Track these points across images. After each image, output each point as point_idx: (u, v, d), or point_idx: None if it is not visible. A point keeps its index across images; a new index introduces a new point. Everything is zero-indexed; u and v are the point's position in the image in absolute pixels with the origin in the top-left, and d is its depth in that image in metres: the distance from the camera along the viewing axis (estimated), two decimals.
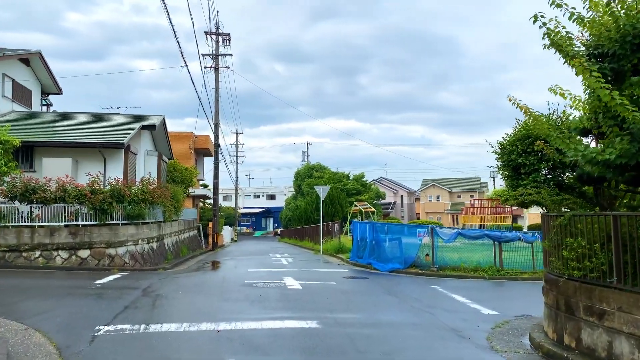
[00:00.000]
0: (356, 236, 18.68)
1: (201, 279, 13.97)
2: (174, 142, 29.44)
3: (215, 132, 31.76)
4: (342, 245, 22.50)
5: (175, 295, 10.25)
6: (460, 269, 15.70)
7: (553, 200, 6.24)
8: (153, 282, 12.18)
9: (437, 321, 8.25)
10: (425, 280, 14.26)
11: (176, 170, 24.86)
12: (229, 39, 33.04)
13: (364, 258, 17.40)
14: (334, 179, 54.86)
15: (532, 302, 11.25)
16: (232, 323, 7.52)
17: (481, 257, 16.21)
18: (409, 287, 12.55)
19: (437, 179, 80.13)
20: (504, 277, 15.27)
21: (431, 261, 15.85)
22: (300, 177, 65.68)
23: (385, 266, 16.21)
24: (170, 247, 20.55)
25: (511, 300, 11.10)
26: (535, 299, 11.86)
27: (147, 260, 16.60)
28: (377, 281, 13.37)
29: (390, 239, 16.90)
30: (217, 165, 31.96)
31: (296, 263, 18.75)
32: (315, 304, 9.39)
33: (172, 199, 19.85)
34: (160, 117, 20.97)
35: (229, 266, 18.02)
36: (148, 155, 20.77)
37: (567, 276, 6.20)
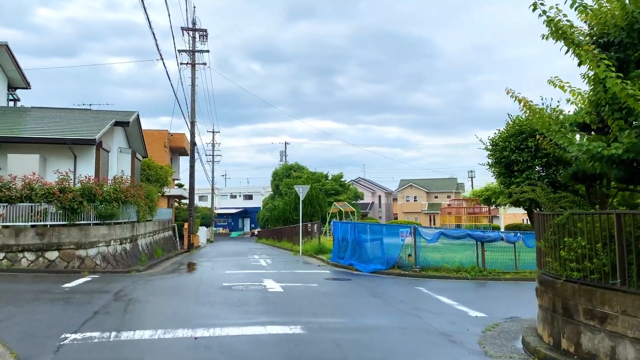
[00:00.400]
0: (337, 237, 18.30)
1: (177, 281, 13.38)
2: (148, 141, 28.60)
3: (192, 130, 31.02)
4: (322, 245, 22.10)
5: (149, 299, 9.69)
6: (442, 270, 15.47)
7: (550, 199, 5.95)
8: (126, 285, 11.57)
9: (426, 325, 7.91)
10: (408, 281, 13.96)
11: (151, 169, 24.08)
12: (205, 35, 32.33)
13: (346, 259, 17.03)
14: (312, 178, 54.48)
15: (518, 303, 11.06)
16: (210, 329, 7.05)
17: (463, 258, 16.01)
18: (392, 288, 12.22)
19: (415, 180, 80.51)
20: (486, 277, 15.09)
21: (414, 262, 15.58)
22: (278, 177, 65.11)
23: (367, 267, 15.87)
24: (144, 248, 19.84)
25: (497, 302, 10.86)
26: (521, 299, 11.71)
27: (119, 262, 15.91)
28: (359, 282, 13.01)
29: (372, 239, 16.57)
30: (193, 164, 31.21)
31: (276, 264, 18.27)
32: (298, 307, 8.96)
33: (147, 199, 19.15)
34: (134, 114, 20.23)
35: (206, 268, 17.43)
36: (121, 152, 20.01)
37: (565, 278, 5.92)
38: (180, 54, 31.61)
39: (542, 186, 6.38)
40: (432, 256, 15.97)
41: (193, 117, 31.16)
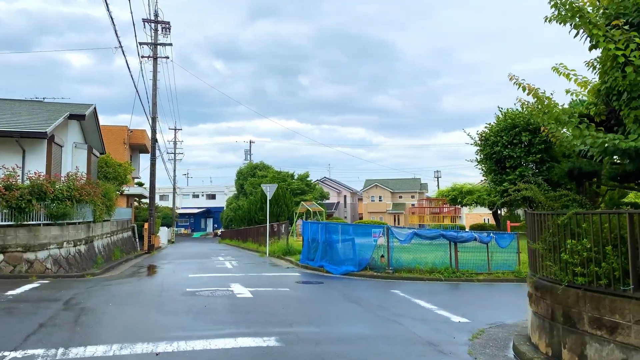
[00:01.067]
0: (307, 237, 17.62)
1: (136, 286, 12.39)
2: (106, 137, 27.16)
3: (153, 126, 29.68)
4: (290, 246, 21.37)
5: (104, 308, 8.75)
6: (416, 271, 15.05)
7: (550, 197, 5.46)
8: (79, 292, 10.55)
9: (410, 333, 7.34)
10: (382, 283, 13.44)
11: (109, 166, 22.76)
12: (168, 27, 31.04)
13: (316, 260, 16.37)
14: (278, 178, 53.62)
15: (498, 306, 10.69)
16: (173, 343, 6.25)
17: (436, 258, 15.64)
18: (368, 292, 11.65)
19: (380, 180, 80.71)
20: (460, 278, 14.76)
21: (386, 263, 15.08)
22: (243, 176, 63.92)
23: (338, 269, 15.27)
24: (101, 250, 18.62)
25: (476, 305, 10.43)
26: (500, 302, 11.36)
27: (73, 266, 14.74)
28: (333, 286, 12.38)
29: (344, 240, 15.98)
30: (154, 161, 29.88)
31: (242, 267, 17.42)
32: (270, 315, 8.23)
33: (104, 197, 17.96)
34: (91, 106, 18.97)
35: (168, 271, 16.43)
36: (76, 148, 18.72)
37: (568, 283, 5.45)
38: (142, 47, 30.21)
39: (540, 183, 5.89)
40: (404, 257, 15.52)
41: (154, 112, 29.84)
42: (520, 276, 15.36)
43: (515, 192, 5.95)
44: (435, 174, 51.92)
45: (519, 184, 6.18)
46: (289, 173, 57.95)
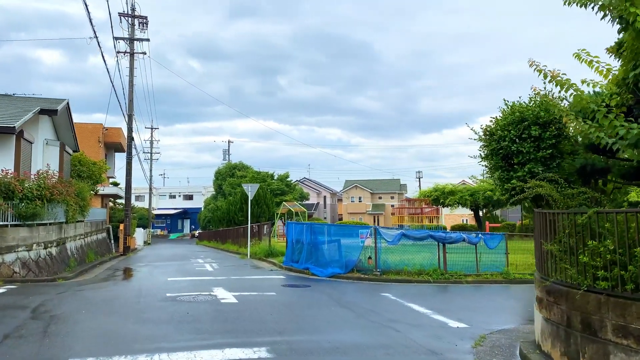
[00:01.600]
0: (291, 239, 17.06)
1: (112, 291, 11.64)
2: (81, 135, 26.12)
3: (129, 124, 28.72)
4: (273, 248, 20.77)
5: (77, 317, 8.05)
6: (404, 273, 14.64)
7: (566, 195, 5.05)
8: (49, 298, 9.80)
9: (409, 341, 6.87)
10: (371, 286, 12.98)
11: (82, 165, 21.80)
12: (146, 22, 30.11)
13: (301, 262, 15.82)
14: (257, 178, 52.84)
15: (492, 309, 10.32)
16: (154, 355, 5.66)
17: (424, 259, 15.26)
18: (358, 295, 11.16)
19: (359, 180, 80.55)
20: (448, 280, 14.41)
21: (374, 265, 14.63)
22: (221, 176, 62.95)
23: (324, 271, 14.76)
24: (73, 252, 17.72)
25: (471, 309, 10.03)
26: (493, 305, 10.95)
27: (43, 269, 13.89)
28: (321, 289, 11.84)
29: (330, 241, 15.48)
30: (130, 160, 28.92)
31: (223, 270, 16.76)
32: (259, 323, 7.66)
33: (77, 197, 17.09)
34: (64, 102, 18.06)
35: (145, 274, 15.66)
36: (48, 145, 17.80)
37: (587, 287, 5.04)
38: (118, 42, 29.23)
39: (557, 180, 5.48)
40: (392, 258, 15.10)
41: (131, 109, 28.89)
42: (508, 277, 15.11)
43: (531, 189, 5.52)
44: (417, 174, 51.88)
45: (531, 182, 5.76)
46: (269, 173, 57.24)
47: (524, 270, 16.11)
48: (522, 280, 15.15)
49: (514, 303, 11.18)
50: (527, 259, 17.18)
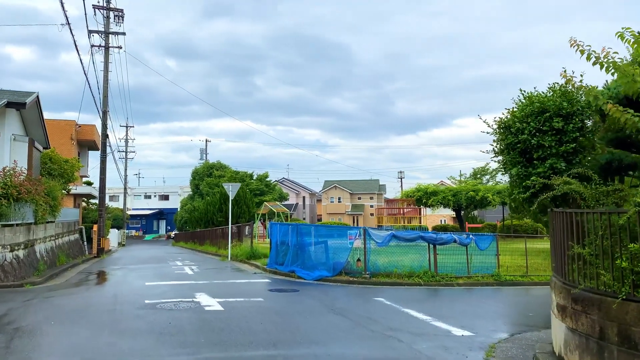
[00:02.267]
0: (275, 240, 16.35)
1: (84, 298, 10.75)
2: (52, 132, 24.89)
3: (103, 120, 27.56)
4: (255, 250, 20.00)
5: (45, 329, 7.23)
6: (393, 275, 14.11)
7: (601, 192, 4.53)
8: (14, 307, 8.91)
9: (416, 353, 6.29)
10: (362, 290, 12.40)
11: (54, 162, 20.66)
12: (122, 15, 28.99)
13: (286, 265, 15.14)
14: (236, 178, 51.80)
15: (494, 315, 9.82)
16: None
17: (413, 261, 14.75)
18: (350, 301, 10.54)
19: (339, 181, 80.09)
20: (439, 283, 13.95)
21: (363, 267, 14.05)
22: (199, 176, 61.65)
23: (311, 274, 14.11)
24: (43, 255, 16.67)
25: (471, 315, 9.52)
26: (493, 310, 10.38)
27: (9, 274, 12.88)
28: (311, 294, 11.19)
29: (317, 242, 14.84)
30: (105, 158, 27.77)
31: (204, 273, 15.94)
32: (249, 334, 6.97)
33: (47, 196, 16.05)
34: (33, 95, 16.98)
35: (121, 278, 14.74)
36: (15, 140, 16.70)
37: (626, 295, 4.53)
38: (92, 35, 28.04)
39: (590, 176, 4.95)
40: (381, 260, 14.55)
41: (105, 105, 27.74)
42: (499, 279, 14.72)
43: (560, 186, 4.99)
44: (398, 174, 51.56)
45: (558, 178, 5.22)
46: (248, 173, 56.24)
47: (514, 272, 15.76)
48: (513, 283, 14.78)
49: (512, 308, 10.74)
50: (515, 260, 16.86)
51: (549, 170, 5.50)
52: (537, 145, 5.49)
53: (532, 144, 5.50)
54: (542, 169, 5.48)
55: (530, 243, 18.46)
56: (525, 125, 5.56)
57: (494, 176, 59.53)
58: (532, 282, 15.09)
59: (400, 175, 51.97)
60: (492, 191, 31.26)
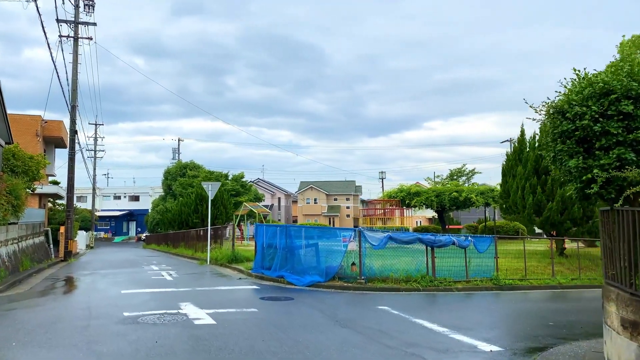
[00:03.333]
0: (261, 243, 15.27)
1: (52, 310, 9.42)
2: (16, 128, 23.22)
3: (72, 115, 25.90)
4: (237, 253, 18.84)
5: (4, 353, 6.02)
6: (390, 280, 13.24)
7: None
8: None
9: None
10: (360, 297, 11.47)
11: (17, 159, 19.04)
12: (92, 5, 27.39)
13: (274, 269, 14.08)
14: (210, 178, 50.31)
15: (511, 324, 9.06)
16: None
17: (409, 265, 13.93)
18: (353, 310, 9.57)
19: (315, 182, 79.18)
20: (438, 288, 13.18)
21: (358, 272, 13.13)
22: (171, 176, 59.75)
23: (302, 279, 13.11)
24: (4, 259, 15.16)
25: (488, 325, 8.71)
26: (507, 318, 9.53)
27: None
28: (307, 303, 10.18)
29: (308, 245, 13.86)
30: (73, 156, 26.12)
31: (184, 279, 14.73)
32: (253, 355, 5.92)
33: (9, 195, 14.59)
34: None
35: (93, 285, 13.39)
36: None
37: None
38: (61, 25, 26.33)
39: None
40: (377, 264, 13.66)
41: (75, 99, 26.08)
42: (499, 283, 14.06)
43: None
44: (379, 174, 50.84)
45: (633, 171, 4.40)
46: (223, 173, 54.71)
47: (512, 275, 15.12)
48: (512, 287, 14.12)
49: (527, 316, 9.95)
50: (511, 262, 16.23)
51: (616, 161, 4.64)
52: (601, 132, 4.62)
53: (594, 132, 4.62)
54: (607, 160, 4.62)
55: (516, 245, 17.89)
56: (585, 109, 4.68)
57: (470, 177, 59.77)
58: (531, 286, 14.47)
59: (382, 176, 51.33)
60: (476, 192, 30.85)
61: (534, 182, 17.68)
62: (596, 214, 17.07)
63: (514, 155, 19.09)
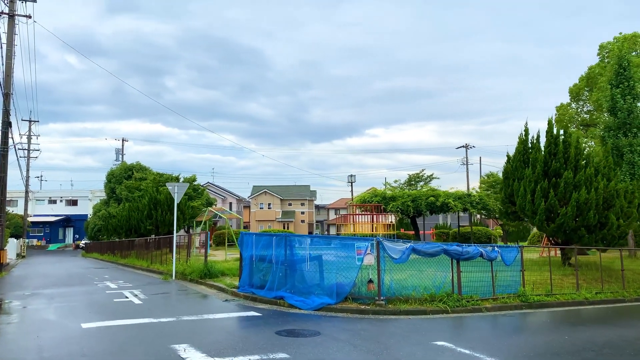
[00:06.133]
0: (249, 255, 12.64)
1: None
2: None
3: (6, 105, 22.10)
4: (211, 266, 16.04)
5: None
6: (412, 300, 11.08)
7: None
8: None
9: None
10: (391, 325, 9.23)
11: None
12: None
13: (270, 289, 11.52)
14: (160, 181, 46.44)
15: None
16: None
17: (427, 280, 11.86)
18: (406, 349, 7.23)
19: (269, 186, 76.32)
20: (465, 308, 11.20)
21: (376, 291, 10.85)
22: (115, 178, 55.15)
23: (307, 302, 10.68)
24: None
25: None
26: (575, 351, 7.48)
27: None
28: (342, 339, 7.73)
29: (313, 258, 11.43)
30: (6, 152, 22.30)
31: (156, 301, 11.86)
32: None
33: None
34: None
35: (38, 315, 10.21)
36: None
37: None
38: None
39: None
40: (397, 280, 11.45)
41: (8, 87, 22.29)
42: (527, 300, 12.23)
43: None
44: (349, 178, 48.62)
45: None
46: (173, 176, 50.78)
47: (537, 290, 13.36)
48: (541, 304, 12.30)
49: (607, 345, 8.01)
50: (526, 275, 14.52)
51: None
52: None
53: None
54: None
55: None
56: None
57: (427, 182, 59.14)
58: (559, 302, 12.71)
59: (351, 180, 49.24)
60: (453, 197, 29.43)
61: (544, 185, 16.10)
62: (611, 220, 15.74)
63: (519, 157, 17.50)
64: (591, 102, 25.98)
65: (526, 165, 17.17)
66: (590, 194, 15.62)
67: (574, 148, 16.73)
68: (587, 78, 26.24)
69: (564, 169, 16.30)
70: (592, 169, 16.27)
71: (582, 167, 16.44)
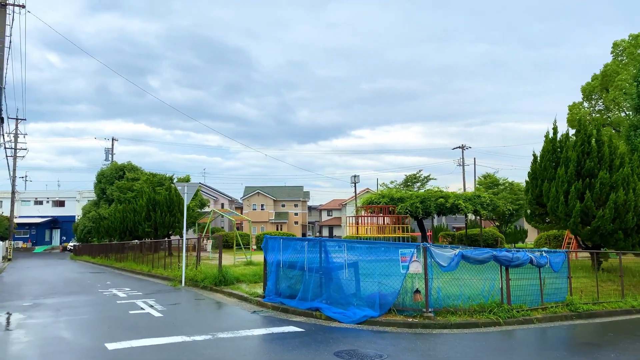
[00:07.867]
0: (275, 260, 11.53)
1: None
2: None
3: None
4: (226, 272, 14.87)
5: None
6: (461, 312, 10.09)
7: None
8: None
9: None
10: (445, 340, 8.26)
11: None
12: None
13: (303, 299, 10.42)
14: (153, 181, 45.00)
15: None
16: None
17: (478, 290, 10.89)
18: None
19: (262, 187, 75.04)
20: (516, 319, 10.27)
21: (423, 302, 9.84)
22: (106, 179, 53.50)
23: (348, 314, 9.63)
24: None
25: None
26: None
27: None
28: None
29: (349, 265, 10.36)
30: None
31: (176, 313, 10.71)
32: None
33: None
34: None
35: (49, 332, 8.93)
36: None
37: None
38: None
39: None
40: (444, 290, 10.44)
41: (0, 81, 20.89)
42: (575, 310, 11.31)
43: None
44: (352, 179, 47.48)
45: None
46: (167, 176, 49.41)
47: (583, 298, 12.46)
48: (591, 314, 11.40)
49: None
50: None
51: None
52: None
53: None
54: None
55: None
56: None
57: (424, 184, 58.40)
58: (607, 311, 11.81)
59: (355, 180, 48.14)
60: (463, 198, 28.57)
61: (579, 185, 15.25)
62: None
63: (547, 156, 16.62)
64: (607, 101, 25.31)
65: (556, 165, 16.33)
66: (628, 195, 14.81)
67: (607, 147, 15.91)
68: (602, 76, 25.57)
69: (599, 168, 15.47)
70: (629, 169, 15.46)
71: (617, 167, 15.63)
